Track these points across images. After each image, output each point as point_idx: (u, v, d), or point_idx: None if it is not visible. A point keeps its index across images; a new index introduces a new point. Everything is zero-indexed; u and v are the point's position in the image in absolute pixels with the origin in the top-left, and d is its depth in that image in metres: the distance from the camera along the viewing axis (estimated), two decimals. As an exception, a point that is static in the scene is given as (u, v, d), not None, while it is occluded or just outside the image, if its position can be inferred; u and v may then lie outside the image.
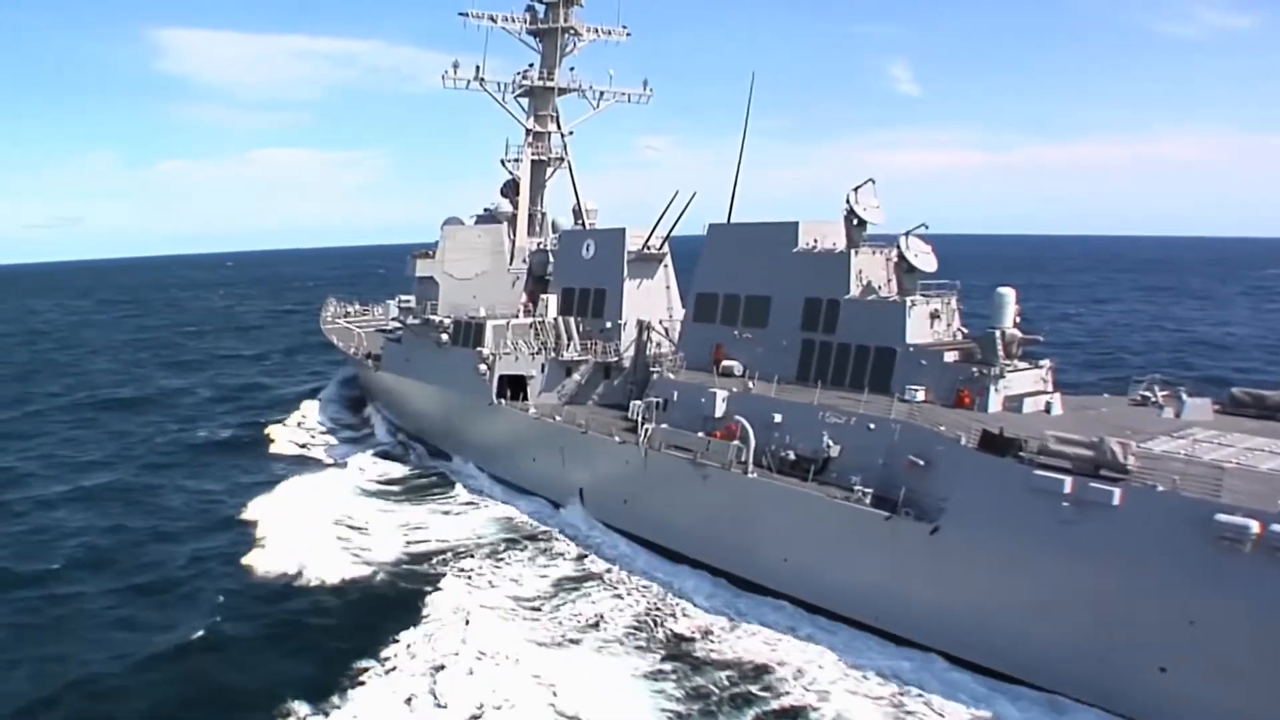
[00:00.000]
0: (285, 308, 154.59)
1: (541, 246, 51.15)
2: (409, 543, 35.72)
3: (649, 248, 43.41)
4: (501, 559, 34.00)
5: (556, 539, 36.02)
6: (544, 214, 53.47)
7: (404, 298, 50.38)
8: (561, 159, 52.08)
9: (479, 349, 44.01)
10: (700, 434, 32.70)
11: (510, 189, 53.61)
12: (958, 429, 26.37)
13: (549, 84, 51.15)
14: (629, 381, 42.03)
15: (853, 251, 34.00)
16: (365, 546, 34.85)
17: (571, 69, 51.97)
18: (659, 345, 42.51)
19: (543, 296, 46.89)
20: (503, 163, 52.42)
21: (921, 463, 26.42)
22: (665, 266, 44.57)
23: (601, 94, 52.67)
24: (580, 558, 34.09)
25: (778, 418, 31.31)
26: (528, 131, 51.69)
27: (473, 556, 34.13)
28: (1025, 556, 23.31)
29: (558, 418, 39.10)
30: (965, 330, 33.98)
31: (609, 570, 32.73)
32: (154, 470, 48.15)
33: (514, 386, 43.21)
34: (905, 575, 25.91)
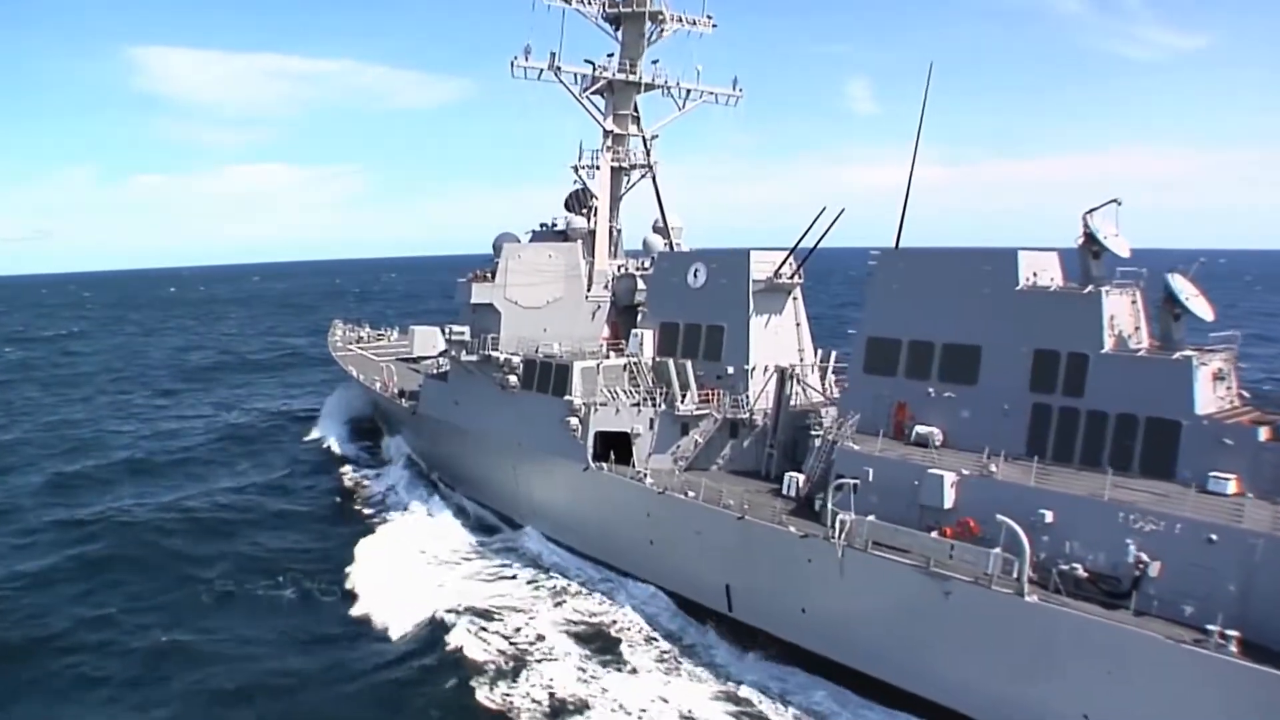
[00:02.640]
0: (292, 336, 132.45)
1: (625, 269, 42.90)
2: None
3: (779, 276, 35.49)
4: None
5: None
6: (619, 230, 45.19)
7: (456, 328, 41.66)
8: (648, 166, 43.83)
9: (566, 398, 35.65)
10: (934, 533, 24.83)
11: (576, 201, 45.29)
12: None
13: (631, 78, 42.96)
14: (766, 444, 34.02)
15: (1103, 292, 26.48)
16: None
17: (655, 62, 43.90)
18: (795, 397, 34.65)
19: (634, 331, 38.68)
20: (575, 169, 44.02)
21: (1325, 601, 18.88)
22: (795, 299, 36.68)
23: (688, 92, 44.59)
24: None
25: (1048, 516, 23.58)
26: (606, 133, 43.37)
27: None
28: None
29: (691, 493, 30.88)
30: (1245, 394, 26.74)
31: None
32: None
33: (612, 445, 34.93)
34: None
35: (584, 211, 44.60)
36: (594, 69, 42.76)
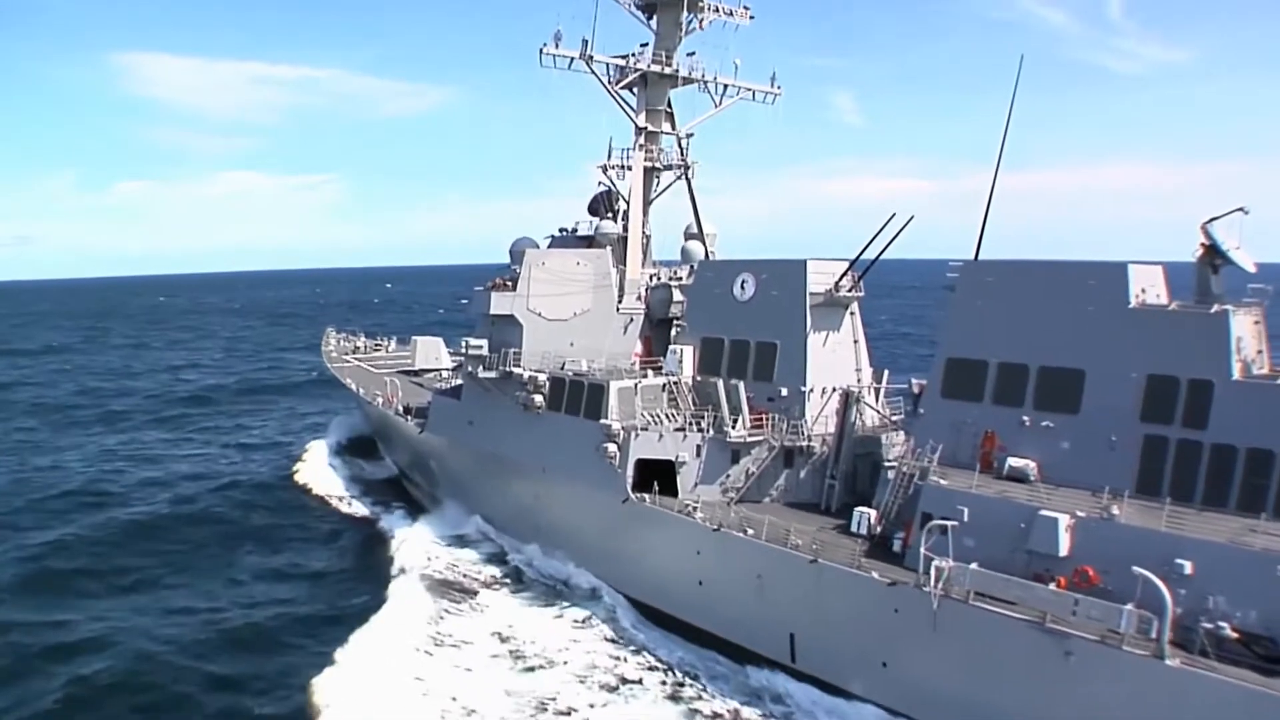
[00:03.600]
0: (292, 351, 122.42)
1: (658, 279, 39.72)
2: None
3: (839, 289, 32.45)
4: None
5: None
6: (649, 237, 41.98)
7: (473, 341, 38.26)
8: (684, 166, 40.73)
9: (602, 421, 32.40)
10: (1051, 585, 21.74)
11: (603, 204, 42.09)
12: None
13: (666, 70, 39.88)
14: (827, 474, 30.87)
15: (1230, 311, 23.57)
16: None
17: (691, 54, 40.88)
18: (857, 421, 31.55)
19: (672, 348, 35.50)
20: (603, 169, 40.82)
21: None
22: (853, 314, 33.65)
23: (725, 88, 41.54)
24: None
25: (1187, 566, 20.58)
26: (639, 129, 40.23)
27: None
28: None
29: (751, 531, 27.66)
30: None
31: None
32: None
33: (653, 473, 31.70)
34: None
35: (610, 215, 41.47)
36: (627, 59, 39.73)
